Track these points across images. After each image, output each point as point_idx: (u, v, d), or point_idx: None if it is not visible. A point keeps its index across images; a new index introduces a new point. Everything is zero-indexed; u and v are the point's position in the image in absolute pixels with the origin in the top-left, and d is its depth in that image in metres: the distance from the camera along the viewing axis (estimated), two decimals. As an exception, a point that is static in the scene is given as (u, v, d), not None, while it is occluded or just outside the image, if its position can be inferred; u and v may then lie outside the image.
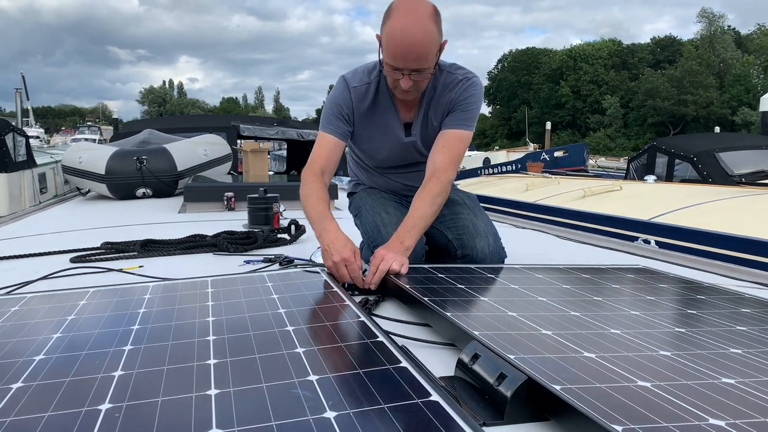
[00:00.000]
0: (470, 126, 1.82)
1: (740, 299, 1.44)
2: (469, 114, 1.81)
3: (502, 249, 1.86)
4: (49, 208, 4.10)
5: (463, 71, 1.83)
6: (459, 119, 1.80)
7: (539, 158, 15.30)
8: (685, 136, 12.72)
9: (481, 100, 1.84)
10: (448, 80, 1.81)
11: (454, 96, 1.80)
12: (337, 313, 1.19)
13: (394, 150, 1.92)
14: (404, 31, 1.58)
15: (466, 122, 1.81)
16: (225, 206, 3.46)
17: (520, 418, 0.83)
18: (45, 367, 0.94)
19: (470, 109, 1.80)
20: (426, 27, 1.59)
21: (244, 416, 0.74)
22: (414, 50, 1.60)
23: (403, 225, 1.69)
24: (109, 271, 1.87)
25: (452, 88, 1.80)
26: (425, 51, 1.61)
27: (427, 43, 1.60)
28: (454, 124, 1.80)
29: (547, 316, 1.18)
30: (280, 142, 9.74)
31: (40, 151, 9.77)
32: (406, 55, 1.61)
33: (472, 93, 1.80)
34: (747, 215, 3.79)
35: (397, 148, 1.92)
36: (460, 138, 1.80)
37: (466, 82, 1.80)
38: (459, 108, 1.80)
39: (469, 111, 1.80)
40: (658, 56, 53.96)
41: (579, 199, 5.14)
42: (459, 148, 1.81)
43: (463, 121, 1.80)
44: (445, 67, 1.82)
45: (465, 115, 1.80)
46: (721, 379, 0.88)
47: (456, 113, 1.80)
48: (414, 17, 1.59)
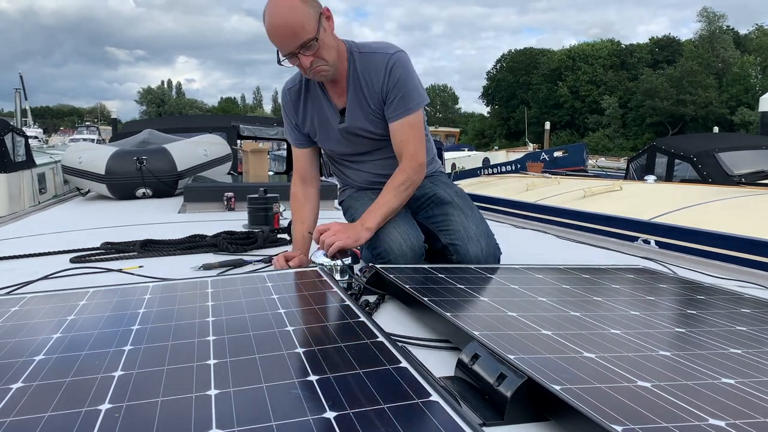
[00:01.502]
0: (413, 107, 1.81)
1: (740, 299, 1.44)
2: (407, 97, 1.79)
3: (497, 248, 1.85)
4: (48, 208, 4.10)
5: (382, 49, 1.80)
6: (399, 107, 1.80)
7: (539, 158, 15.30)
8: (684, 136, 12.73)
9: (410, 73, 1.80)
10: (369, 61, 1.79)
11: (383, 83, 1.78)
12: (337, 313, 1.19)
13: (338, 138, 1.93)
14: (270, 15, 1.64)
15: (407, 105, 1.80)
16: (225, 206, 3.46)
17: (520, 419, 0.83)
18: (45, 367, 0.94)
19: (403, 91, 1.78)
20: (288, 3, 1.62)
21: (244, 416, 0.74)
22: (285, 26, 1.63)
23: (368, 210, 1.79)
24: (109, 272, 1.87)
25: (378, 71, 1.78)
26: (297, 22, 1.62)
27: (294, 15, 1.62)
28: (397, 114, 1.80)
29: (546, 317, 1.18)
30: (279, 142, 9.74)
31: (39, 151, 9.77)
32: (282, 35, 1.64)
33: (399, 74, 1.77)
34: (747, 215, 3.79)
35: (339, 136, 1.92)
36: (411, 123, 1.81)
37: (388, 65, 1.77)
38: (393, 95, 1.79)
39: (404, 94, 1.79)
40: (656, 56, 53.97)
41: (579, 199, 5.14)
42: (413, 134, 1.82)
43: (403, 107, 1.80)
44: (364, 48, 1.81)
45: (403, 101, 1.79)
46: (721, 379, 0.88)
47: (394, 103, 1.79)
48: (275, 2, 1.63)
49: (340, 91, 1.85)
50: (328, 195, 3.39)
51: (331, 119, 1.89)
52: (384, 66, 1.77)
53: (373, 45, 1.84)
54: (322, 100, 1.88)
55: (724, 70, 47.72)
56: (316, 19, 1.66)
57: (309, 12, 1.64)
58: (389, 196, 1.79)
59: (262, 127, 6.77)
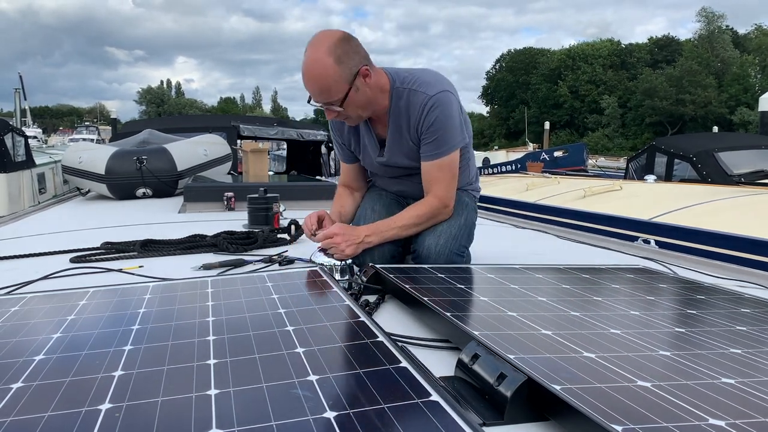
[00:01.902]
0: (443, 152, 1.80)
1: (740, 299, 1.44)
2: (438, 141, 1.78)
3: (457, 253, 1.81)
4: (49, 208, 4.10)
5: (425, 88, 1.76)
6: (431, 150, 1.80)
7: (539, 158, 15.30)
8: (684, 136, 12.73)
9: (448, 115, 1.77)
10: (412, 99, 1.78)
11: (420, 122, 1.77)
12: (337, 313, 1.19)
13: (377, 167, 1.98)
14: (304, 67, 1.66)
15: (439, 149, 1.79)
16: (225, 206, 3.46)
17: (520, 418, 0.83)
18: (45, 367, 0.94)
19: (438, 134, 1.77)
20: (320, 61, 1.62)
21: (244, 416, 0.74)
22: (314, 86, 1.67)
23: (377, 223, 1.82)
24: (109, 271, 1.87)
25: (415, 110, 1.77)
26: (324, 84, 1.65)
27: (324, 77, 1.63)
28: (429, 156, 1.81)
29: (546, 316, 1.18)
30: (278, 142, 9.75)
31: (38, 151, 9.76)
32: (311, 91, 1.69)
33: (435, 117, 1.75)
34: (747, 215, 3.79)
35: (378, 166, 1.96)
36: (440, 167, 1.81)
37: (426, 107, 1.75)
38: (427, 137, 1.78)
39: (438, 138, 1.78)
40: (656, 56, 53.96)
41: (579, 199, 5.14)
42: (442, 176, 1.82)
43: (435, 150, 1.79)
44: (409, 84, 1.78)
45: (436, 144, 1.78)
46: (721, 379, 0.88)
47: (427, 145, 1.80)
48: (313, 54, 1.64)
49: (382, 124, 1.86)
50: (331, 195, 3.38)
51: (372, 151, 1.92)
52: (422, 107, 1.76)
53: (419, 79, 1.79)
54: (364, 129, 1.90)
55: (724, 70, 47.72)
56: (349, 81, 1.66)
57: (341, 75, 1.64)
58: (405, 223, 1.81)
59: (262, 127, 6.78)
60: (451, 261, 1.79)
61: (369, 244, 1.76)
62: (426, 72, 1.83)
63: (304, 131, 7.12)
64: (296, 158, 8.27)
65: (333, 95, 1.67)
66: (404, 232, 1.82)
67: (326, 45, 1.63)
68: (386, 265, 1.67)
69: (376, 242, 1.77)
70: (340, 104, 1.69)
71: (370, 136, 1.90)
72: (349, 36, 1.69)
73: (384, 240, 1.79)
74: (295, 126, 7.49)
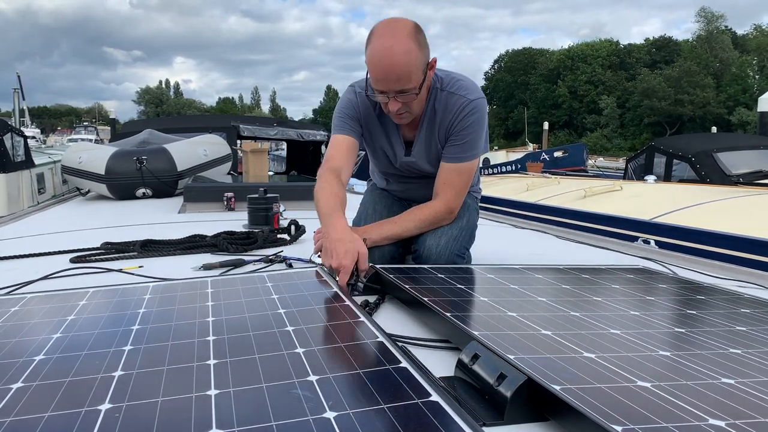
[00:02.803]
0: (468, 157, 1.79)
1: (740, 299, 1.44)
2: (467, 145, 1.77)
3: (458, 254, 1.81)
4: (49, 208, 4.09)
5: (465, 92, 1.76)
6: (457, 152, 1.78)
7: (539, 158, 15.31)
8: (683, 136, 12.72)
9: (482, 124, 1.78)
10: (450, 101, 1.76)
11: (453, 123, 1.76)
12: (337, 313, 1.19)
13: (395, 164, 1.94)
14: (382, 52, 1.58)
15: (465, 153, 1.78)
16: (225, 206, 3.46)
17: (520, 418, 0.83)
18: (45, 367, 0.94)
19: (468, 138, 1.76)
20: (404, 45, 1.57)
21: (244, 416, 0.74)
22: (393, 70, 1.59)
23: (378, 223, 1.81)
24: (109, 272, 1.87)
25: (452, 112, 1.75)
26: (405, 70, 1.59)
27: (406, 62, 1.58)
28: (452, 158, 1.79)
29: (546, 316, 1.18)
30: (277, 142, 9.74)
31: (37, 151, 9.76)
32: (387, 77, 1.60)
33: (470, 122, 1.75)
34: (746, 215, 3.79)
35: (396, 164, 1.94)
36: (459, 171, 1.80)
37: (465, 109, 1.74)
38: (457, 139, 1.77)
39: (467, 142, 1.77)
40: (654, 56, 53.98)
41: (580, 199, 5.15)
42: (459, 181, 1.81)
43: (461, 153, 1.78)
44: (447, 86, 1.76)
45: (463, 147, 1.77)
46: (721, 379, 0.88)
47: (454, 146, 1.78)
48: (391, 38, 1.58)
49: (414, 123, 1.82)
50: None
51: (397, 148, 1.88)
52: (460, 109, 1.74)
53: (458, 83, 1.77)
54: (393, 126, 1.85)
55: (722, 71, 47.75)
56: (424, 70, 1.64)
57: (421, 61, 1.61)
58: (407, 225, 1.79)
59: (262, 127, 6.77)
60: (452, 262, 1.79)
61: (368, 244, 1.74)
62: (464, 77, 1.82)
63: (304, 131, 7.11)
64: (296, 158, 8.27)
65: (412, 81, 1.61)
66: (405, 234, 1.81)
67: (407, 31, 1.59)
68: (386, 265, 1.67)
69: (375, 239, 1.75)
70: (417, 91, 1.64)
71: (396, 133, 1.86)
72: (419, 25, 1.66)
73: (383, 240, 1.78)
74: (295, 126, 7.49)
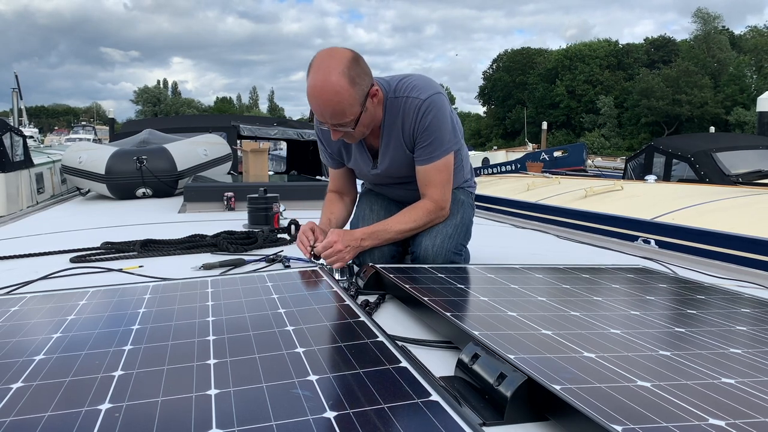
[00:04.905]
0: (439, 155, 1.79)
1: (740, 299, 1.44)
2: (434, 144, 1.77)
3: (455, 251, 1.81)
4: (48, 208, 4.09)
5: (416, 92, 1.74)
6: (427, 153, 1.78)
7: (539, 158, 15.30)
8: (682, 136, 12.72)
9: (442, 118, 1.77)
10: (402, 105, 1.75)
11: (414, 127, 1.75)
12: (337, 313, 1.19)
13: (370, 178, 1.97)
14: (314, 90, 1.59)
15: (435, 152, 1.78)
16: (225, 206, 3.46)
17: (520, 418, 0.83)
18: (45, 367, 0.94)
19: (433, 136, 1.76)
20: (335, 85, 1.56)
21: (244, 416, 0.74)
22: (327, 109, 1.60)
23: (374, 226, 1.81)
24: (108, 271, 1.87)
25: (409, 116, 1.75)
26: (338, 108, 1.60)
27: (338, 101, 1.58)
28: (424, 159, 1.79)
29: (547, 316, 1.18)
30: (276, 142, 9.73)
31: (36, 151, 9.76)
32: (321, 113, 1.63)
33: (429, 121, 1.74)
34: (746, 215, 3.80)
35: (370, 176, 1.95)
36: (437, 169, 1.80)
37: (420, 111, 1.73)
38: (423, 140, 1.77)
39: (434, 140, 1.76)
40: (652, 56, 53.99)
41: (580, 199, 5.15)
42: (439, 178, 1.81)
43: (431, 153, 1.78)
44: (398, 91, 1.76)
45: (431, 147, 1.77)
46: (721, 379, 0.88)
47: (422, 149, 1.78)
48: (323, 76, 1.57)
49: (374, 135, 1.82)
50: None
51: (363, 163, 1.90)
52: (416, 111, 1.74)
53: (410, 86, 1.76)
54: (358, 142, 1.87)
55: (720, 71, 47.78)
56: (362, 103, 1.64)
57: (355, 97, 1.61)
58: (399, 227, 1.79)
59: (262, 126, 6.76)
60: (449, 260, 1.79)
61: (365, 247, 1.76)
62: (414, 76, 1.80)
63: (304, 131, 7.10)
64: (296, 158, 8.26)
65: (347, 117, 1.62)
66: (401, 236, 1.82)
67: (340, 67, 1.57)
68: (386, 265, 1.67)
69: (371, 246, 1.77)
70: (353, 126, 1.65)
71: (362, 148, 1.87)
72: (357, 55, 1.64)
73: (381, 243, 1.79)
74: (295, 126, 7.48)
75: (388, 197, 2.05)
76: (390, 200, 2.04)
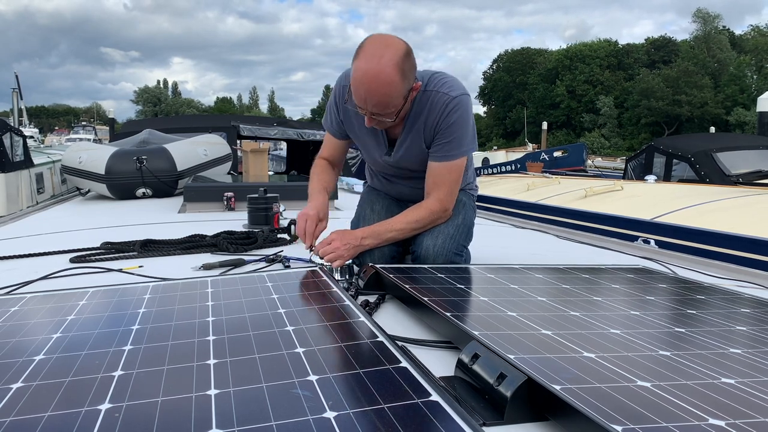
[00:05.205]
0: (456, 155, 1.78)
1: (739, 299, 1.44)
2: (454, 143, 1.76)
3: (456, 252, 1.81)
4: (48, 208, 4.09)
5: (447, 89, 1.74)
6: (444, 150, 1.77)
7: (539, 158, 15.30)
8: (682, 136, 12.72)
9: (466, 120, 1.77)
10: (433, 100, 1.75)
11: (438, 121, 1.75)
12: (337, 313, 1.19)
13: (380, 164, 1.95)
14: (365, 77, 1.56)
15: (452, 151, 1.77)
16: (225, 206, 3.46)
17: (520, 418, 0.83)
18: (45, 367, 0.94)
19: (454, 136, 1.75)
20: (388, 76, 1.55)
21: (244, 416, 0.74)
22: (372, 97, 1.59)
23: (375, 226, 1.81)
24: (108, 271, 1.87)
25: (436, 110, 1.74)
26: (385, 100, 1.59)
27: (387, 92, 1.57)
28: (439, 156, 1.78)
29: (547, 316, 1.18)
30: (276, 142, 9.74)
31: (36, 151, 9.76)
32: (365, 101, 1.61)
33: (454, 119, 1.73)
34: (746, 215, 3.80)
35: (380, 163, 1.94)
36: (449, 169, 1.79)
37: (448, 107, 1.73)
38: (443, 137, 1.76)
39: (454, 139, 1.76)
40: (653, 56, 53.98)
41: (581, 199, 5.15)
42: (450, 179, 1.80)
43: (448, 151, 1.77)
44: (429, 85, 1.75)
45: (450, 146, 1.76)
46: (721, 379, 0.88)
47: (441, 145, 1.77)
48: (377, 65, 1.55)
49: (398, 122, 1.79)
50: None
51: (378, 148, 1.88)
52: (444, 106, 1.73)
53: (441, 81, 1.76)
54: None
55: (720, 71, 47.78)
56: (405, 96, 1.63)
57: (402, 90, 1.60)
58: (402, 227, 1.79)
59: (262, 127, 6.77)
60: (450, 261, 1.79)
61: (366, 247, 1.76)
62: (446, 74, 1.81)
63: (304, 131, 7.11)
64: (296, 158, 8.27)
65: (390, 109, 1.62)
66: (402, 236, 1.81)
67: (395, 59, 1.56)
68: (386, 265, 1.67)
69: (373, 245, 1.77)
70: (394, 118, 1.65)
71: (379, 134, 1.86)
72: (410, 48, 1.63)
73: (381, 243, 1.79)
74: (295, 126, 7.48)
75: (389, 196, 2.05)
76: (392, 200, 2.04)
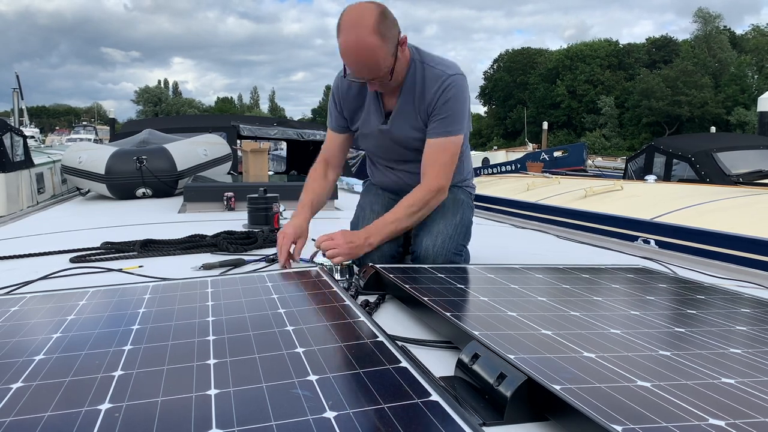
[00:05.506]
0: (453, 132, 1.80)
1: (740, 299, 1.44)
2: (450, 119, 1.79)
3: (455, 252, 1.82)
4: (48, 208, 4.09)
5: (443, 67, 1.79)
6: (440, 128, 1.79)
7: (539, 158, 15.30)
8: (683, 136, 12.73)
9: (462, 99, 1.80)
10: (428, 74, 1.79)
11: (434, 99, 1.78)
12: (337, 313, 1.19)
13: (376, 138, 1.94)
14: (348, 48, 1.65)
15: (447, 128, 1.79)
16: (225, 206, 3.46)
17: (520, 418, 0.83)
18: (45, 367, 0.94)
19: (450, 112, 1.78)
20: (367, 42, 1.62)
21: (244, 416, 0.74)
22: (362, 65, 1.68)
23: (376, 222, 1.81)
24: (108, 271, 1.87)
25: (432, 86, 1.78)
26: (372, 63, 1.66)
27: (372, 55, 1.64)
28: (436, 133, 1.80)
29: (547, 316, 1.18)
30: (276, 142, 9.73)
31: (36, 151, 9.76)
32: (358, 70, 1.70)
33: (451, 95, 1.77)
34: (747, 215, 3.79)
35: (377, 137, 1.93)
36: (444, 147, 1.80)
37: (444, 83, 1.77)
38: (439, 113, 1.79)
39: (449, 117, 1.78)
40: (653, 56, 53.97)
41: (581, 199, 5.15)
42: (444, 157, 1.81)
43: (443, 128, 1.79)
44: (427, 60, 1.81)
45: (445, 122, 1.79)
46: (721, 379, 0.88)
47: (437, 122, 1.79)
48: (356, 37, 1.63)
49: (393, 95, 1.85)
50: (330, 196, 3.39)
51: (376, 116, 1.89)
52: (440, 82, 1.77)
53: (438, 59, 1.83)
54: (371, 96, 1.88)
55: (721, 71, 47.76)
56: (393, 53, 1.69)
57: (387, 50, 1.66)
58: (400, 215, 1.80)
59: (262, 126, 6.77)
60: (450, 261, 1.79)
61: (371, 245, 1.75)
62: (443, 57, 1.85)
63: (304, 131, 7.11)
64: (296, 158, 8.27)
65: (381, 70, 1.68)
66: (402, 224, 1.81)
67: (369, 24, 1.62)
68: (386, 265, 1.67)
69: (377, 242, 1.77)
70: (390, 76, 1.71)
71: (377, 104, 1.88)
72: (384, 7, 1.68)
73: (385, 237, 1.78)
74: (295, 126, 7.48)
75: (389, 196, 2.05)
76: (391, 200, 2.04)
